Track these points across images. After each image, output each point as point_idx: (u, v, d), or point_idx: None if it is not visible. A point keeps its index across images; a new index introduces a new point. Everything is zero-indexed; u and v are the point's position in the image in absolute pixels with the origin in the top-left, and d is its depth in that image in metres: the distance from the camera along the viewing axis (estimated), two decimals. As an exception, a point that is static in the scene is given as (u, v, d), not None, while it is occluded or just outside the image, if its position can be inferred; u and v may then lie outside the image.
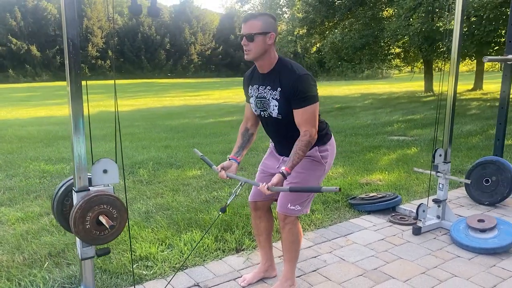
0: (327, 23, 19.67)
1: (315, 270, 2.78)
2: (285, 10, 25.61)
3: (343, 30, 19.52)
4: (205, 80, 46.46)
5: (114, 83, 1.89)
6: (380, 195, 4.01)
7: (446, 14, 13.41)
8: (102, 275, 2.64)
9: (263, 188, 2.07)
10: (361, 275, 2.71)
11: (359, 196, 4.10)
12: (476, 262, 2.87)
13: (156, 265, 2.78)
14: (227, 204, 2.22)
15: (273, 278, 2.65)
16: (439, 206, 3.52)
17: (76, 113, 1.79)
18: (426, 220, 3.45)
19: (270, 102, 2.27)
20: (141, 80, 44.83)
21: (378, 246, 3.15)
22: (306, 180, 2.35)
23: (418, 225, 3.39)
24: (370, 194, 4.08)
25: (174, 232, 3.30)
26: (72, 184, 1.92)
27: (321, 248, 3.12)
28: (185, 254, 2.93)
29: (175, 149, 6.93)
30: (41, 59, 48.41)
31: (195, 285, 2.58)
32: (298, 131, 2.20)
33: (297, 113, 2.19)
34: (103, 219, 1.84)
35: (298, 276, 2.66)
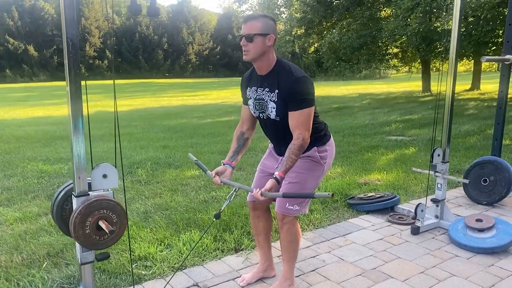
0: (325, 23, 19.69)
1: (314, 270, 2.78)
2: (283, 10, 25.64)
3: (341, 30, 19.56)
4: (203, 80, 46.45)
5: (114, 84, 1.89)
6: (379, 195, 4.01)
7: (444, 14, 13.45)
8: (101, 275, 2.63)
9: (257, 194, 2.08)
10: (360, 275, 2.71)
11: (358, 196, 4.11)
12: (475, 262, 2.88)
13: (155, 265, 2.78)
14: (221, 210, 2.22)
15: (272, 278, 2.65)
16: (438, 206, 3.52)
17: (76, 113, 1.79)
18: (425, 220, 3.46)
19: (268, 104, 2.27)
20: (139, 80, 44.78)
21: (377, 246, 3.16)
22: (305, 180, 2.35)
23: (417, 225, 3.40)
24: (369, 194, 4.09)
25: (173, 232, 3.30)
26: (72, 189, 1.91)
27: (320, 248, 3.12)
28: (184, 254, 2.93)
29: (173, 149, 6.92)
30: (39, 59, 48.34)
31: (194, 285, 2.58)
32: None
33: (292, 115, 2.19)
34: (103, 224, 1.84)
35: (297, 276, 2.67)
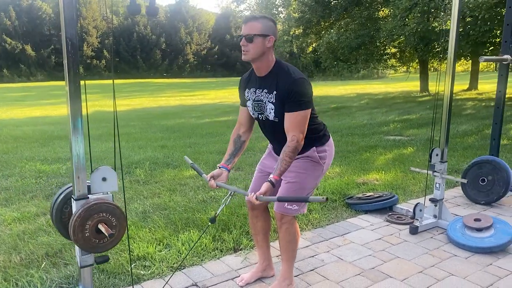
0: (323, 23, 19.71)
1: (313, 270, 2.78)
2: (281, 10, 25.66)
3: (339, 30, 19.57)
4: (201, 80, 46.42)
5: (113, 84, 1.88)
6: (377, 195, 4.02)
7: (442, 15, 13.48)
8: (100, 275, 2.63)
9: (252, 198, 2.08)
10: (359, 275, 2.72)
11: (356, 196, 4.11)
12: (473, 261, 2.89)
13: (154, 265, 2.78)
14: (217, 215, 2.21)
15: (271, 278, 2.65)
16: (436, 206, 3.53)
17: (75, 113, 1.78)
18: (423, 220, 3.46)
19: (267, 105, 2.27)
20: (137, 80, 44.73)
21: (376, 246, 3.16)
22: (304, 180, 2.35)
23: (415, 225, 3.40)
24: (367, 194, 4.09)
25: (172, 232, 3.30)
26: (71, 192, 1.91)
27: (319, 248, 3.12)
28: (183, 254, 2.93)
29: (172, 149, 6.92)
30: (36, 59, 48.22)
31: (193, 285, 2.58)
32: None
33: (288, 117, 2.19)
34: (102, 228, 1.84)
35: (296, 276, 2.67)
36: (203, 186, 4.62)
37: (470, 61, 20.94)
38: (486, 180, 4.09)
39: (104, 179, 1.88)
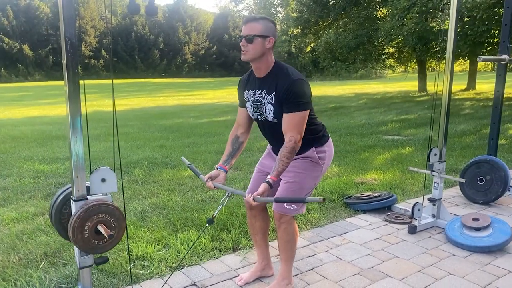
0: (321, 23, 19.71)
1: (312, 269, 2.79)
2: (279, 10, 25.70)
3: (337, 30, 19.58)
4: (199, 80, 46.39)
5: (112, 84, 1.88)
6: (376, 194, 4.03)
7: (440, 15, 13.50)
8: (99, 275, 2.63)
9: (249, 199, 2.08)
10: (358, 274, 2.72)
11: (355, 196, 4.12)
12: (471, 260, 2.90)
13: (153, 265, 2.78)
14: (214, 216, 2.21)
15: (270, 277, 2.66)
16: (434, 205, 3.54)
17: (74, 113, 1.78)
18: (422, 219, 3.47)
19: (266, 106, 2.28)
20: (135, 80, 44.68)
21: (374, 245, 3.17)
22: (303, 180, 2.36)
23: (414, 224, 3.41)
24: (366, 194, 4.10)
25: (171, 232, 3.30)
26: (70, 193, 1.91)
27: (318, 247, 3.13)
28: (182, 254, 2.93)
29: (170, 149, 6.92)
30: (34, 59, 48.12)
31: (192, 285, 2.58)
32: None
33: (287, 117, 2.20)
34: (102, 229, 1.83)
35: (295, 275, 2.67)
36: (202, 186, 4.62)
37: (468, 61, 20.99)
38: (484, 180, 4.10)
39: (103, 180, 1.88)
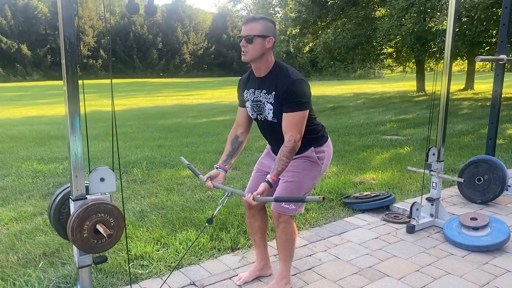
0: (320, 23, 19.74)
1: (311, 269, 2.79)
2: (278, 10, 25.73)
3: (336, 30, 19.61)
4: (198, 80, 46.37)
5: (111, 84, 1.88)
6: (374, 194, 4.03)
7: (438, 15, 13.52)
8: (98, 275, 2.63)
9: (249, 199, 2.08)
10: (356, 273, 2.73)
11: (353, 195, 4.12)
12: (469, 260, 2.91)
13: (152, 264, 2.78)
14: (214, 215, 2.22)
15: (269, 277, 2.66)
16: (433, 205, 3.55)
17: (73, 112, 1.78)
18: (420, 219, 3.48)
19: (265, 106, 2.28)
20: (133, 80, 44.63)
21: (373, 245, 3.17)
22: (302, 180, 2.36)
23: (412, 224, 3.42)
24: (364, 193, 4.11)
25: (169, 231, 3.30)
26: (69, 193, 1.90)
27: (316, 247, 3.13)
28: (181, 253, 2.93)
29: (169, 149, 6.91)
30: (32, 58, 48.04)
31: (191, 284, 2.59)
32: None
33: (286, 117, 2.20)
34: (101, 228, 1.83)
35: (294, 275, 2.67)
36: (200, 186, 4.62)
37: (466, 61, 21.01)
38: (482, 179, 4.11)
39: (102, 180, 1.88)
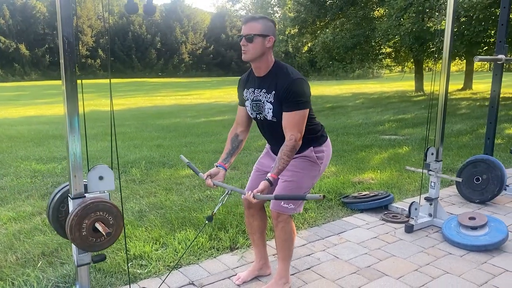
0: (319, 23, 19.75)
1: (309, 268, 2.79)
2: (276, 10, 25.73)
3: (335, 30, 19.64)
4: (196, 80, 46.35)
5: (110, 84, 1.88)
6: (373, 194, 4.04)
7: (437, 15, 13.54)
8: (96, 274, 2.63)
9: (249, 197, 2.09)
10: (355, 273, 2.73)
11: (352, 195, 4.13)
12: (468, 259, 2.91)
13: (151, 264, 2.78)
14: (214, 213, 2.22)
15: (268, 276, 2.66)
16: (431, 204, 3.55)
17: (72, 112, 1.78)
18: (418, 218, 3.48)
19: (265, 105, 2.29)
20: (132, 79, 44.60)
21: (371, 244, 3.18)
22: (301, 180, 2.36)
23: (411, 223, 3.42)
24: (363, 193, 4.11)
25: (168, 231, 3.30)
26: (68, 191, 1.90)
27: (315, 246, 3.14)
28: (180, 253, 2.93)
29: (168, 149, 6.91)
30: (30, 58, 47.95)
31: (190, 284, 2.59)
32: None
33: (286, 116, 2.21)
34: (100, 226, 1.83)
35: (292, 274, 2.68)
36: (199, 185, 4.62)
37: (465, 61, 21.05)
38: (481, 179, 4.11)
39: (101, 178, 1.88)
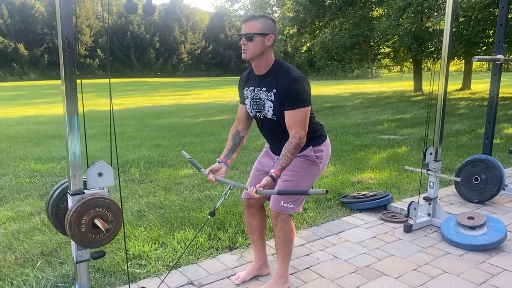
0: (318, 23, 19.76)
1: (308, 268, 2.80)
2: (275, 9, 25.72)
3: (333, 30, 19.65)
4: (195, 79, 46.34)
5: (109, 84, 1.89)
6: (372, 194, 4.04)
7: (435, 15, 13.56)
8: (96, 274, 2.63)
9: (252, 192, 2.09)
10: (354, 272, 2.74)
11: (351, 195, 4.13)
12: (466, 259, 2.92)
13: (150, 264, 2.78)
14: (217, 208, 2.22)
15: (267, 276, 2.66)
16: (430, 204, 3.56)
17: (71, 112, 1.78)
18: (417, 218, 3.49)
19: (265, 103, 2.29)
20: (131, 79, 44.57)
21: (370, 244, 3.18)
22: (300, 179, 2.36)
23: (409, 223, 3.43)
24: (362, 193, 4.12)
25: (167, 231, 3.30)
26: (67, 188, 1.90)
27: (314, 246, 3.14)
28: (179, 253, 2.94)
29: (167, 148, 6.91)
30: (29, 58, 47.90)
31: (189, 283, 2.59)
32: None
33: (289, 115, 2.21)
34: (99, 223, 1.83)
35: (292, 274, 2.68)
36: (198, 185, 4.62)
37: (463, 61, 21.07)
38: (479, 179, 4.12)
39: (100, 174, 1.88)
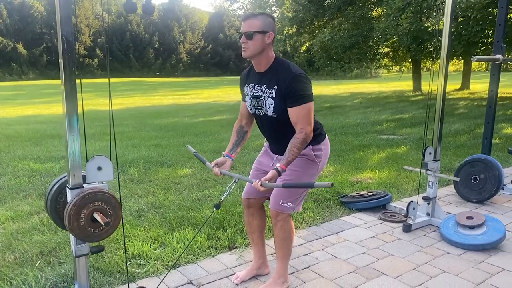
0: (317, 22, 19.77)
1: (308, 267, 2.80)
2: (275, 9, 25.69)
3: (333, 30, 19.65)
4: (194, 79, 46.34)
5: (109, 84, 1.89)
6: (371, 193, 4.05)
7: (434, 15, 13.57)
8: (95, 274, 2.63)
9: (257, 185, 2.09)
10: (353, 272, 2.74)
11: (350, 194, 4.13)
12: (465, 258, 2.92)
13: (149, 263, 2.78)
14: (222, 201, 2.24)
15: (266, 275, 2.67)
16: (429, 204, 3.56)
17: (71, 111, 1.78)
18: (416, 218, 3.49)
19: (266, 101, 2.29)
20: (130, 79, 44.53)
21: (369, 243, 3.19)
22: (300, 178, 2.37)
23: (408, 223, 3.43)
24: (361, 192, 4.12)
25: (167, 231, 3.30)
26: (66, 182, 1.91)
27: (313, 246, 3.14)
28: (178, 252, 2.94)
29: (166, 148, 6.91)
30: (28, 57, 47.84)
31: (188, 283, 2.59)
32: (293, 130, 2.23)
33: (293, 111, 2.21)
34: (98, 216, 1.83)
35: (291, 273, 2.68)
36: (198, 185, 4.62)
37: (462, 61, 21.10)
38: (478, 179, 4.13)
39: (99, 169, 1.88)
